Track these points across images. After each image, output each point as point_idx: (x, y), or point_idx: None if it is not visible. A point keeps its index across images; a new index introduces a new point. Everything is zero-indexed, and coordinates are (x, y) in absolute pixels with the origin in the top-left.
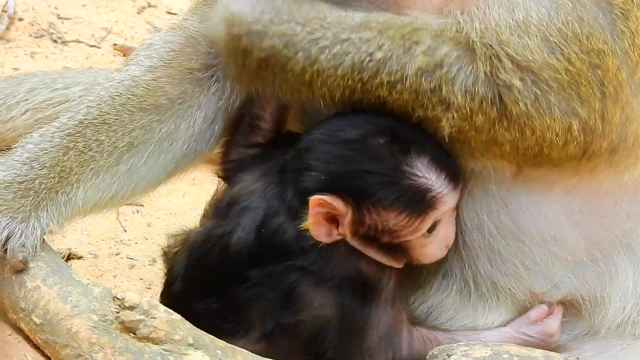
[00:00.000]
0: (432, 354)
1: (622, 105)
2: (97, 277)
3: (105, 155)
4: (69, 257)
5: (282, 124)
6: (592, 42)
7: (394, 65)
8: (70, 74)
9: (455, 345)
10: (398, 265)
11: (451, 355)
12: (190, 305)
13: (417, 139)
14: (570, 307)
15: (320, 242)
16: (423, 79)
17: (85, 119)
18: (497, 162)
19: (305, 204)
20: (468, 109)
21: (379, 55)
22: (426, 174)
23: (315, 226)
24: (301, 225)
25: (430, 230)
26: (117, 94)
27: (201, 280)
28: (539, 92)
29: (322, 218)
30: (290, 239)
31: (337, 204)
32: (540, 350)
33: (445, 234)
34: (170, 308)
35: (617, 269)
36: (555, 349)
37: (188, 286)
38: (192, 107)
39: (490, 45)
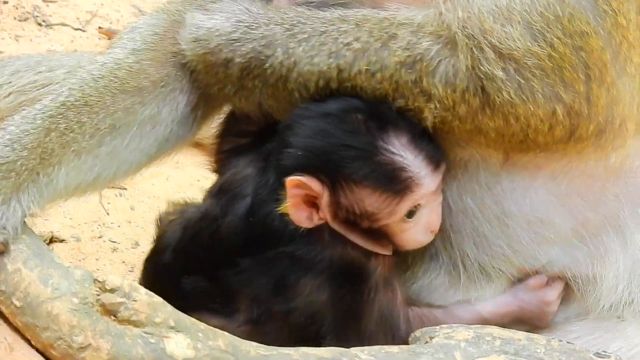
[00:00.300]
0: (414, 337)
1: (607, 86)
2: (80, 261)
3: (87, 137)
4: (51, 240)
5: None
6: (574, 23)
7: (372, 56)
8: (55, 57)
9: (437, 327)
10: (384, 251)
11: (433, 337)
12: (177, 278)
13: (397, 120)
14: (564, 289)
15: (303, 228)
16: (403, 71)
17: (67, 101)
18: (483, 150)
19: (284, 185)
20: (450, 100)
21: (356, 45)
22: (402, 153)
23: (294, 209)
24: (280, 209)
25: (410, 215)
26: (99, 76)
27: (192, 257)
28: (522, 80)
29: (301, 201)
30: (278, 226)
31: (313, 184)
32: (523, 332)
33: (429, 220)
34: (155, 276)
35: (606, 250)
36: (544, 328)
37: (178, 259)
38: (175, 91)
39: (473, 36)
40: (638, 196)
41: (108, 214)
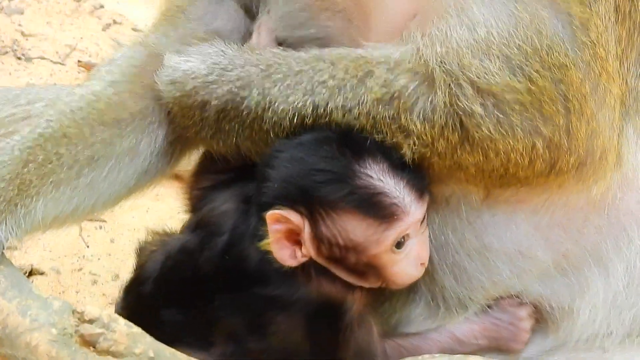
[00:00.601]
0: None
1: (587, 119)
2: (60, 293)
3: (65, 168)
4: (31, 273)
5: None
6: (553, 56)
7: (348, 93)
8: (34, 90)
9: (419, 358)
10: (370, 285)
11: None
12: (156, 309)
13: (374, 149)
14: (538, 318)
15: (284, 267)
16: (380, 108)
17: (45, 132)
18: (464, 186)
19: (264, 221)
20: (429, 137)
21: (331, 83)
22: (382, 178)
23: (277, 247)
24: (262, 245)
25: (399, 246)
26: (78, 108)
27: (172, 289)
28: (501, 115)
29: (283, 237)
30: (253, 266)
31: (292, 216)
32: None
33: (418, 251)
34: (135, 307)
35: (587, 282)
36: (519, 351)
37: (159, 291)
38: (154, 124)
39: (451, 71)
40: (619, 228)
41: (88, 246)
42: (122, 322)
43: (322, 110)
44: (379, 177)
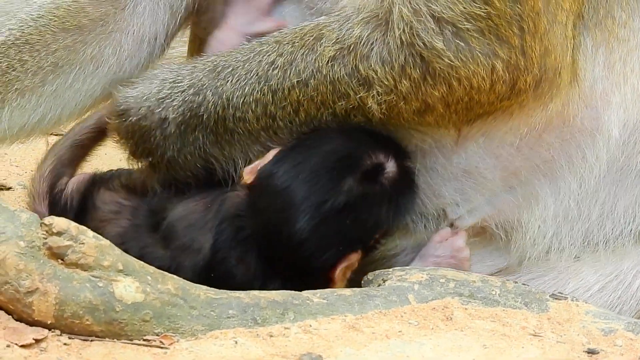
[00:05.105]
0: (367, 279)
1: (540, 36)
2: (27, 208)
3: (29, 75)
4: None
5: None
6: None
7: (300, 65)
8: None
9: (390, 270)
10: None
11: (387, 280)
12: None
13: (352, 155)
14: (488, 236)
15: None
16: (336, 66)
17: (7, 40)
18: (435, 133)
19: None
20: (391, 79)
21: (281, 60)
22: (388, 180)
23: (342, 281)
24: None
25: None
26: (38, 15)
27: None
28: (460, 43)
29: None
30: (243, 280)
31: (354, 257)
32: (478, 274)
33: None
34: None
35: (536, 197)
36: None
37: None
38: (115, 32)
39: (415, 9)
40: (574, 145)
41: None
42: (90, 234)
43: (280, 94)
44: (387, 181)
